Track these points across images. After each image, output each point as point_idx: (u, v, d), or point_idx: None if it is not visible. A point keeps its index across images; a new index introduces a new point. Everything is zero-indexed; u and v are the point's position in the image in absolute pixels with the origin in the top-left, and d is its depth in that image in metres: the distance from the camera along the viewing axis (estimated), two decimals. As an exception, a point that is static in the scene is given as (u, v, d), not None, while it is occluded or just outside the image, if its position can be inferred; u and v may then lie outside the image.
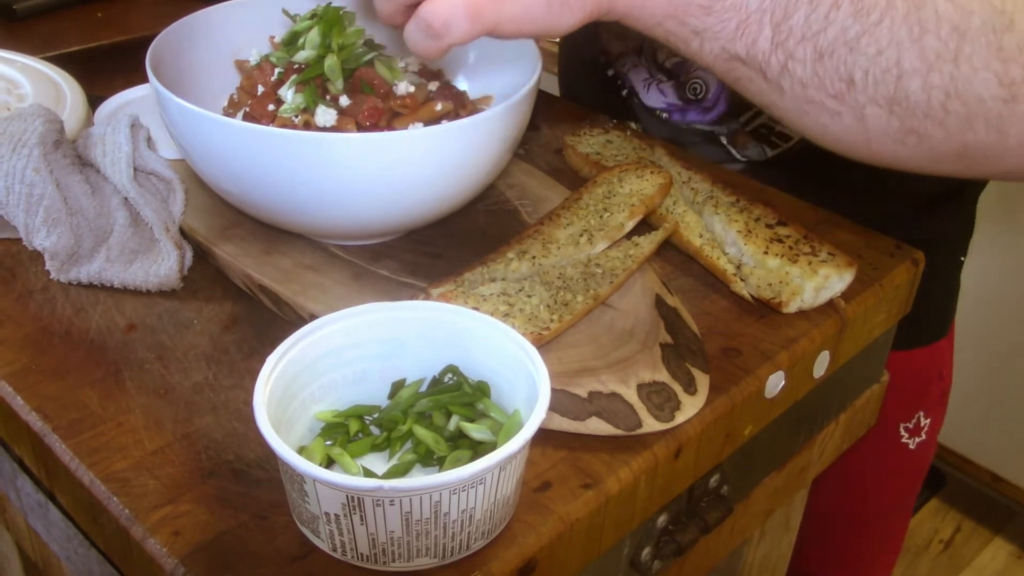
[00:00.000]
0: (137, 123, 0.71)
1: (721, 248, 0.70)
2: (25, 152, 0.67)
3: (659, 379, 0.59)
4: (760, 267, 0.68)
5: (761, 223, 0.71)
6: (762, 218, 0.71)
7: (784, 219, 0.71)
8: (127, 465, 0.54)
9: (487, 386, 0.55)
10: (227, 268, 0.67)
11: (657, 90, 0.89)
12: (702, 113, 0.88)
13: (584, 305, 0.62)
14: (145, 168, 0.70)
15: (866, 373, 0.78)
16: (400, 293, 0.64)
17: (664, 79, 0.89)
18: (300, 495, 0.48)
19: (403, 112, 0.66)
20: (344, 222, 0.64)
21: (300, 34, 0.66)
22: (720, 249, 0.70)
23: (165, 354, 0.62)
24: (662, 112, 0.90)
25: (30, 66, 0.87)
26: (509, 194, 0.76)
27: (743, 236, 0.69)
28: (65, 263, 0.66)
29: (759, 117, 0.87)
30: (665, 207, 0.73)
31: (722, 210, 0.72)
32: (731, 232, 0.70)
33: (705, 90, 0.87)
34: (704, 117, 0.88)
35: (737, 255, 0.69)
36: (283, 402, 0.52)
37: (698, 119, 0.89)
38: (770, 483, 0.73)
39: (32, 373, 0.60)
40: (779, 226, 0.71)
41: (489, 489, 0.48)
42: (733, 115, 0.88)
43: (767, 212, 0.72)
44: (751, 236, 0.69)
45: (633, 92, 0.92)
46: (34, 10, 1.08)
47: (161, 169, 0.70)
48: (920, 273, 0.74)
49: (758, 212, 0.72)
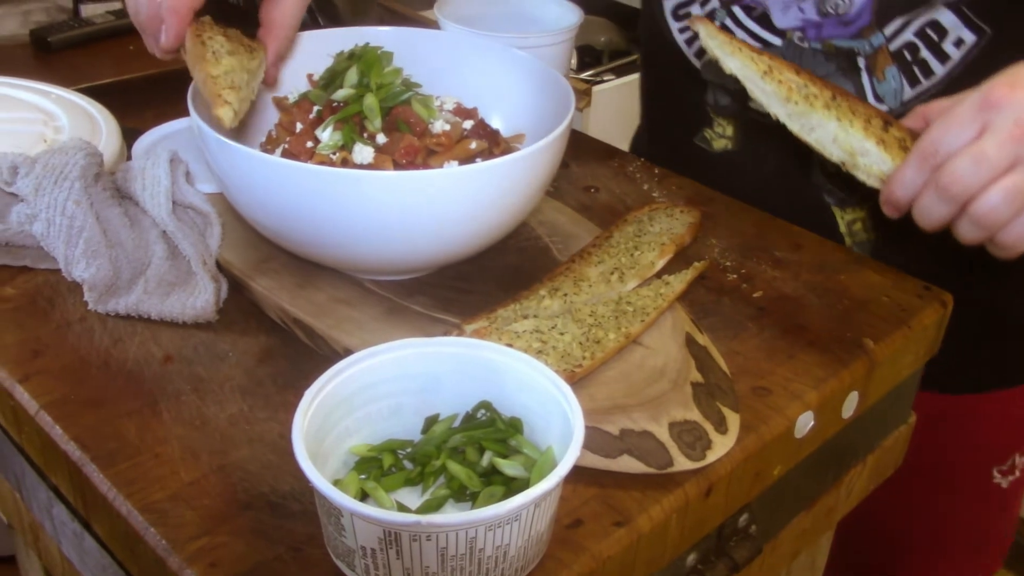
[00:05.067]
0: (176, 158, 0.72)
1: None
2: (66, 185, 0.68)
3: (690, 418, 0.59)
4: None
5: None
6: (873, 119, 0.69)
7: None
8: (164, 496, 0.54)
9: (520, 422, 0.56)
10: (262, 301, 0.68)
11: (797, 8, 0.84)
12: (841, 27, 0.83)
13: (616, 343, 0.62)
14: (183, 202, 0.71)
15: (894, 414, 0.78)
16: (433, 328, 0.65)
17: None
18: (337, 528, 0.48)
19: (438, 150, 0.67)
20: (379, 257, 0.65)
21: (339, 73, 0.68)
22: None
23: (201, 386, 0.62)
24: (794, 31, 0.85)
25: (65, 98, 0.89)
26: (540, 231, 0.77)
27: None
28: (103, 294, 0.67)
29: (907, 29, 0.81)
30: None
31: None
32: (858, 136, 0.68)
33: (848, 5, 0.81)
34: (844, 31, 0.83)
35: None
36: (319, 435, 0.53)
37: (836, 33, 0.83)
38: (798, 524, 0.73)
39: (70, 403, 0.60)
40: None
41: (524, 526, 0.48)
42: (878, 24, 0.82)
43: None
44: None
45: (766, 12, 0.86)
46: (68, 42, 1.10)
47: (199, 203, 0.71)
48: (948, 315, 0.75)
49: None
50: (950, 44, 0.79)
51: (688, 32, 0.89)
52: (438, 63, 0.77)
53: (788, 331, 0.70)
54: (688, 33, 0.89)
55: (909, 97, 0.83)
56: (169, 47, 0.68)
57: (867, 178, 0.68)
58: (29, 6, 1.21)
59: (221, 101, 0.62)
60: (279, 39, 0.72)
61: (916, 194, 0.65)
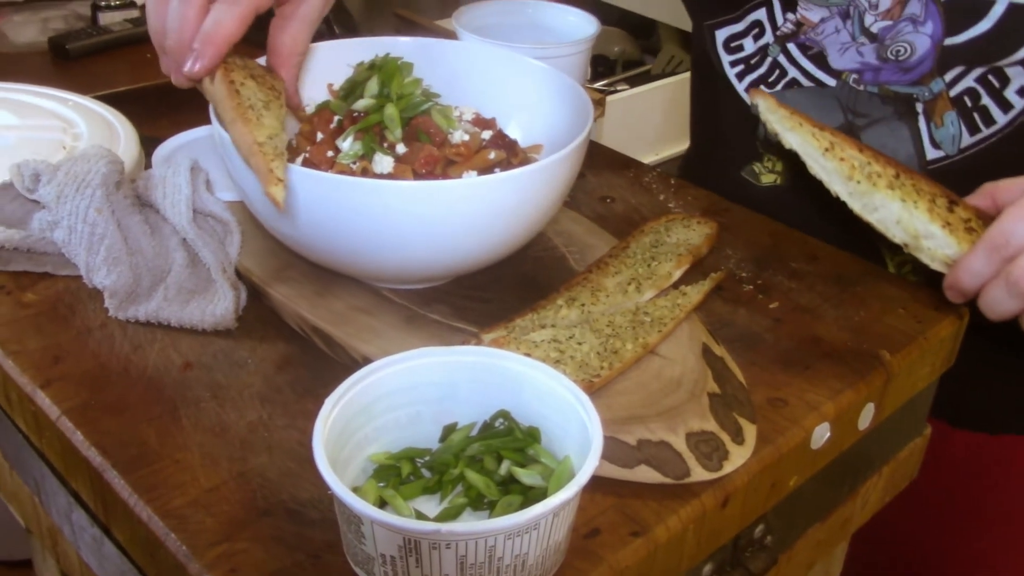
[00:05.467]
0: (197, 166, 0.73)
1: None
2: (88, 192, 0.69)
3: (707, 428, 0.59)
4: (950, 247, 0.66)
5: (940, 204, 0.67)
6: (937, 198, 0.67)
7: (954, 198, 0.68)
8: (184, 502, 0.55)
9: (538, 431, 0.56)
10: (281, 309, 0.69)
11: (855, 51, 0.83)
12: (901, 72, 0.82)
13: (633, 353, 0.62)
14: (203, 210, 0.72)
15: (910, 426, 0.78)
16: (451, 337, 0.65)
17: (866, 42, 0.82)
18: (356, 536, 0.49)
19: (457, 160, 0.67)
20: (398, 266, 0.66)
21: (359, 84, 0.68)
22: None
23: (220, 393, 0.63)
24: (850, 73, 0.83)
25: (83, 105, 0.89)
26: (556, 241, 0.77)
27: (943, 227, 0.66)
28: (124, 301, 0.68)
29: (969, 75, 0.80)
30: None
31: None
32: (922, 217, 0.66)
33: (910, 52, 0.80)
34: (903, 76, 0.82)
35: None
36: (339, 443, 0.53)
37: (895, 78, 0.82)
38: (813, 535, 0.73)
39: (91, 409, 0.61)
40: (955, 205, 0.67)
41: (542, 535, 0.48)
42: (939, 71, 0.80)
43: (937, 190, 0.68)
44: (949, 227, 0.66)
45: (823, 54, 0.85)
46: (86, 50, 1.11)
47: (219, 211, 0.72)
48: (964, 328, 0.75)
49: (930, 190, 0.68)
50: (1012, 92, 0.78)
51: (740, 67, 0.89)
52: (457, 73, 0.78)
53: (804, 342, 0.70)
54: (739, 68, 0.89)
55: (968, 144, 0.81)
56: (197, 79, 0.65)
57: (931, 261, 0.67)
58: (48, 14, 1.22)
59: (274, 179, 0.59)
60: (293, 66, 0.69)
61: (984, 284, 0.64)
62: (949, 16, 0.76)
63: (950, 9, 0.76)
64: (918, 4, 0.76)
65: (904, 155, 0.83)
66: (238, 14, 0.63)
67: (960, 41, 0.76)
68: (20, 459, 0.72)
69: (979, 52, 0.77)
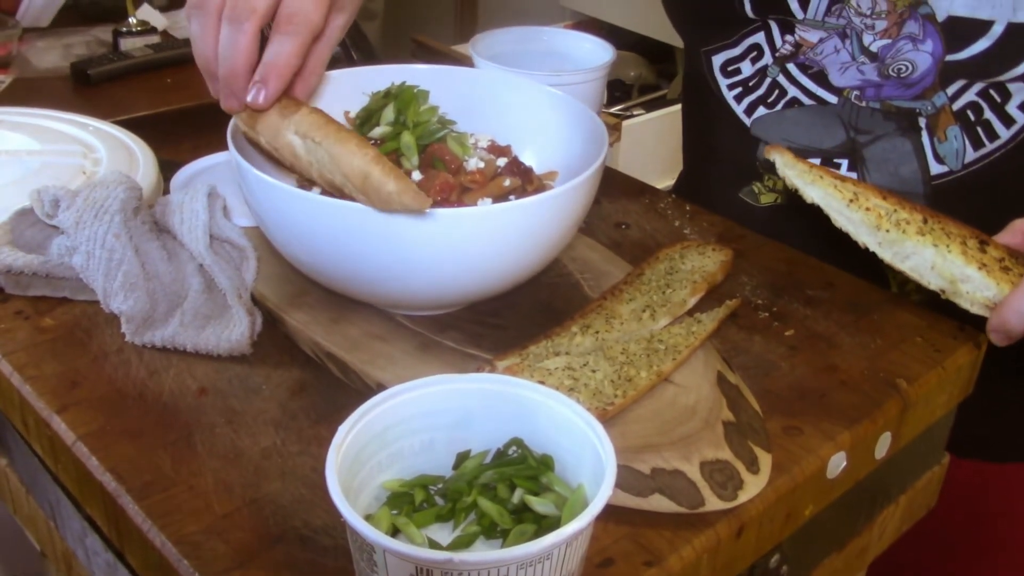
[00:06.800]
0: (214, 192, 0.73)
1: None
2: (107, 218, 0.69)
3: (722, 457, 0.59)
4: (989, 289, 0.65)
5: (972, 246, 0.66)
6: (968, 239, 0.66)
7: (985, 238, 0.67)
8: (198, 528, 0.55)
9: (551, 460, 0.56)
10: (296, 335, 0.69)
11: (856, 69, 0.83)
12: (903, 88, 0.81)
13: (648, 381, 0.62)
14: (220, 236, 0.72)
15: (927, 455, 0.78)
16: (465, 364, 0.65)
17: (867, 61, 0.82)
18: (369, 564, 0.49)
19: (473, 187, 0.67)
20: (412, 293, 0.66)
21: (375, 111, 0.68)
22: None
23: (235, 418, 0.63)
24: (852, 90, 0.83)
25: (103, 130, 0.90)
26: (571, 267, 0.77)
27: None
28: (140, 327, 0.68)
29: (971, 88, 0.80)
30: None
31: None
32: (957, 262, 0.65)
33: (912, 69, 0.80)
34: (905, 92, 0.81)
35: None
36: (352, 470, 0.53)
37: (897, 94, 0.82)
38: (829, 564, 0.72)
39: (107, 434, 0.61)
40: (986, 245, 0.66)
41: (555, 565, 0.48)
42: (942, 85, 0.80)
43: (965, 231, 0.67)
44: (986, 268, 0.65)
45: (824, 73, 0.85)
46: (107, 75, 1.13)
47: (235, 237, 0.72)
48: (982, 356, 0.74)
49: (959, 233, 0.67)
50: (1014, 107, 0.78)
51: (738, 89, 0.89)
52: (472, 100, 0.78)
53: (820, 370, 0.70)
54: (738, 91, 0.89)
55: (972, 159, 0.81)
56: (263, 109, 0.64)
57: (971, 306, 0.65)
58: (70, 40, 1.24)
59: (413, 186, 0.60)
60: (310, 86, 0.69)
61: None
62: (948, 36, 0.76)
63: (949, 29, 0.76)
64: (916, 24, 0.76)
65: (908, 171, 0.83)
66: (299, 43, 0.64)
67: (962, 58, 0.77)
68: (36, 483, 0.72)
69: (980, 67, 0.77)
